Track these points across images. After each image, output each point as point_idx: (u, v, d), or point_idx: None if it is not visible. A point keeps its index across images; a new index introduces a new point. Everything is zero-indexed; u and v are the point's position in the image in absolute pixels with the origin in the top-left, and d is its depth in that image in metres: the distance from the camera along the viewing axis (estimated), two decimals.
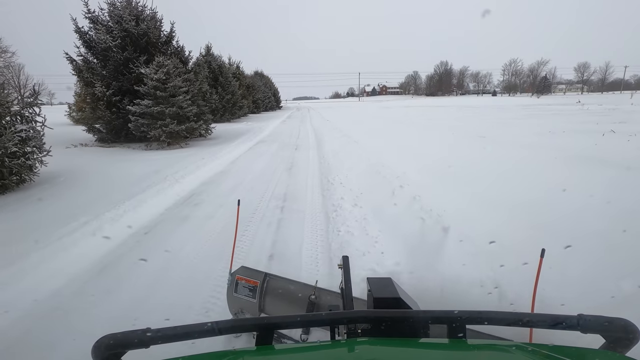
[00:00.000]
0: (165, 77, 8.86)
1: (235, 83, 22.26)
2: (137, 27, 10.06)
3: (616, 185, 3.09)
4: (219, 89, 19.62)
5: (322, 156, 7.10)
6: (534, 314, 0.68)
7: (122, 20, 9.84)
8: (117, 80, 9.87)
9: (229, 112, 20.40)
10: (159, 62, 8.90)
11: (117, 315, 1.97)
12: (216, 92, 19.58)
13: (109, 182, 4.89)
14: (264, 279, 1.53)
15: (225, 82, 20.39)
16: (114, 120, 9.70)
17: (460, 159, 5.26)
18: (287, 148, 8.85)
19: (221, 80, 19.97)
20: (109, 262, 2.64)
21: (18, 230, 3.14)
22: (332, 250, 2.72)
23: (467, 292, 1.79)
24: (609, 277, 1.68)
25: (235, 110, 21.17)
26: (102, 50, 9.73)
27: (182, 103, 9.24)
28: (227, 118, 20.30)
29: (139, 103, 8.81)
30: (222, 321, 0.63)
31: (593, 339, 0.63)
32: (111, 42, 9.49)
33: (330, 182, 4.72)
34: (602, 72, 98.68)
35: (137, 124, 8.86)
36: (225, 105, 19.98)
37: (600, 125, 9.31)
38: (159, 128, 8.72)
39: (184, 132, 9.17)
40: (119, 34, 9.77)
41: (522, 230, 2.28)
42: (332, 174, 5.16)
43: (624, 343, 0.61)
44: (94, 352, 0.59)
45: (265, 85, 42.40)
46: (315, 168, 5.84)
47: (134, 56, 9.77)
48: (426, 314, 0.70)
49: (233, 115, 20.91)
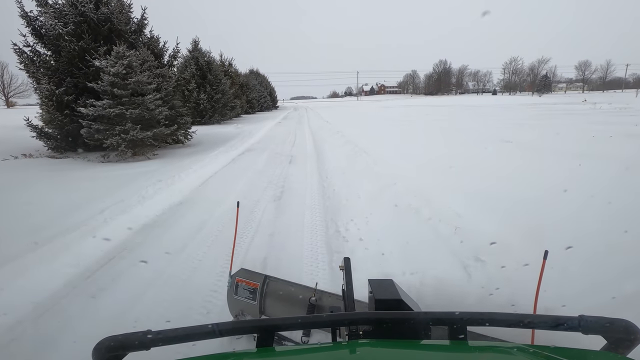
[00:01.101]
0: (126, 71, 7.07)
1: (227, 81, 20.46)
2: (97, 11, 8.26)
3: None
4: (207, 87, 17.83)
5: (324, 176, 5.33)
6: (535, 315, 0.67)
7: (78, 2, 8.03)
8: (72, 75, 8.07)
9: (218, 113, 18.61)
10: (119, 53, 7.11)
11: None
12: (204, 91, 17.78)
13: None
14: (264, 281, 1.53)
15: (215, 80, 18.58)
16: (66, 125, 7.90)
17: (527, 184, 3.58)
18: (278, 161, 7.11)
19: (210, 78, 18.17)
20: None
21: None
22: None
23: None
24: None
25: (226, 111, 19.37)
26: (53, 39, 7.93)
27: (149, 104, 7.45)
28: (217, 119, 18.51)
29: (93, 104, 7.02)
30: (222, 323, 0.63)
31: (594, 340, 0.62)
32: (61, 29, 7.68)
33: (342, 234, 2.91)
34: (603, 70, 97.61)
35: (90, 130, 7.07)
36: (215, 105, 18.19)
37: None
38: (117, 135, 6.93)
39: (151, 140, 7.38)
40: (74, 18, 7.97)
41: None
42: (342, 215, 3.36)
43: (625, 344, 0.60)
44: (95, 354, 0.58)
45: (260, 84, 40.58)
46: (316, 200, 4.04)
47: (92, 46, 7.97)
48: (427, 315, 0.69)
49: (223, 117, 19.12)
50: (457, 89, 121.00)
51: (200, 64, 18.03)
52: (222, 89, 18.92)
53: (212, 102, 18.02)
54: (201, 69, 18.09)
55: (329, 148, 8.34)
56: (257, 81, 40.00)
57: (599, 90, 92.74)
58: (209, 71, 18.32)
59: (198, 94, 17.45)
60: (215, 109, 18.30)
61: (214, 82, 18.51)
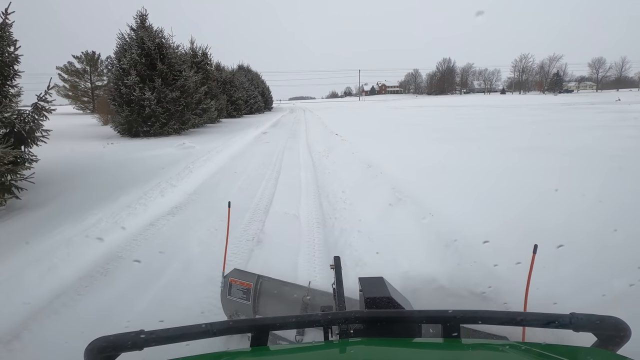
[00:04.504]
0: None
1: (194, 76, 14.71)
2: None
3: None
4: (157, 81, 12.05)
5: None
6: (527, 313, 0.69)
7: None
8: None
9: (176, 119, 12.83)
10: None
11: None
12: (152, 88, 12.00)
13: None
14: (257, 281, 1.54)
15: (171, 72, 12.80)
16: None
17: None
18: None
19: (162, 69, 12.38)
20: None
21: None
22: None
23: None
24: None
25: (190, 115, 13.58)
26: None
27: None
28: (173, 129, 12.74)
29: None
30: (217, 322, 0.63)
31: (585, 337, 0.63)
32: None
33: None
34: (617, 68, 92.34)
35: None
36: (170, 108, 12.42)
37: None
38: None
39: None
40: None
41: None
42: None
43: (615, 341, 0.61)
44: (87, 355, 0.57)
45: (251, 82, 34.79)
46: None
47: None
48: (420, 313, 0.70)
49: (184, 125, 13.31)
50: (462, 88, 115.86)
51: (148, 48, 12.22)
52: (184, 84, 13.13)
53: (165, 104, 12.24)
54: (148, 54, 12.28)
55: (362, 208, 2.90)
56: (247, 78, 34.22)
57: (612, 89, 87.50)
58: (160, 58, 12.52)
59: (141, 92, 11.67)
60: (170, 114, 12.52)
61: (170, 74, 12.72)
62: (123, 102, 11.83)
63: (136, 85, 11.76)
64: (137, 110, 11.91)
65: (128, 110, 11.80)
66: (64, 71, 31.71)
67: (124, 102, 11.81)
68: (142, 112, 11.91)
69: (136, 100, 11.74)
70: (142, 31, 12.60)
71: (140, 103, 11.78)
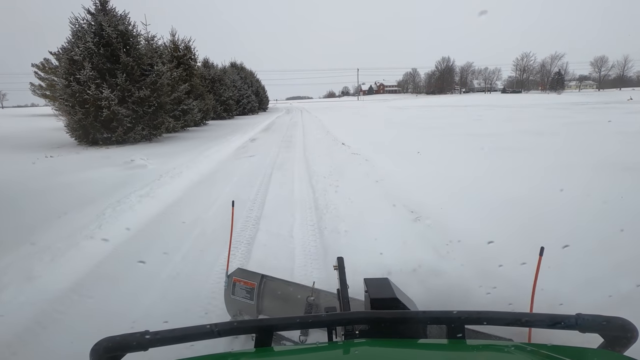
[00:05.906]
0: None
1: (170, 71, 12.39)
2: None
3: None
4: (120, 77, 9.73)
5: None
6: (533, 314, 0.67)
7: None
8: None
9: (145, 123, 10.51)
10: None
11: None
12: (113, 85, 9.68)
13: None
14: (260, 280, 1.52)
15: (138, 65, 10.49)
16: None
17: None
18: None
19: (126, 61, 10.06)
20: None
21: None
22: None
23: None
24: None
25: (164, 118, 11.27)
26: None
27: None
28: (141, 135, 10.42)
29: None
30: (221, 323, 0.62)
31: (591, 338, 0.61)
32: None
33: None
34: (619, 66, 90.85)
35: None
36: (138, 109, 10.10)
37: None
38: None
39: None
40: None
41: None
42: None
43: (622, 342, 0.59)
44: (92, 355, 0.57)
45: (244, 81, 32.44)
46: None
47: None
48: (425, 314, 0.68)
49: (156, 130, 10.98)
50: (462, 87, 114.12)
51: (108, 36, 9.89)
52: (155, 81, 10.82)
53: (130, 104, 9.92)
54: (109, 44, 9.94)
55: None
56: (240, 77, 31.85)
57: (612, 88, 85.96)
58: (125, 49, 10.20)
59: (98, 89, 9.33)
60: (138, 117, 10.20)
61: (137, 68, 10.40)
62: (75, 102, 9.49)
63: (92, 82, 9.42)
64: (93, 112, 9.58)
65: (81, 113, 9.46)
66: (40, 69, 29.18)
67: (76, 102, 9.46)
68: (99, 114, 9.59)
69: (91, 99, 9.40)
70: (102, 16, 10.25)
71: (96, 103, 9.46)
